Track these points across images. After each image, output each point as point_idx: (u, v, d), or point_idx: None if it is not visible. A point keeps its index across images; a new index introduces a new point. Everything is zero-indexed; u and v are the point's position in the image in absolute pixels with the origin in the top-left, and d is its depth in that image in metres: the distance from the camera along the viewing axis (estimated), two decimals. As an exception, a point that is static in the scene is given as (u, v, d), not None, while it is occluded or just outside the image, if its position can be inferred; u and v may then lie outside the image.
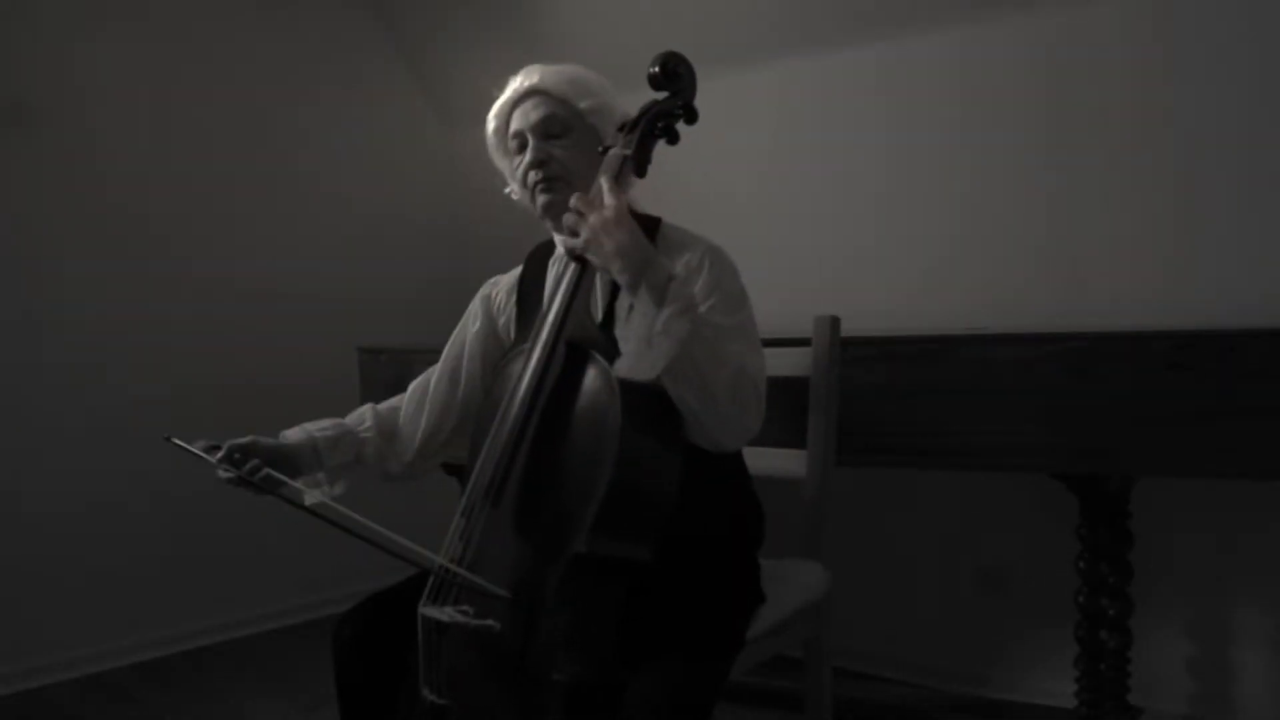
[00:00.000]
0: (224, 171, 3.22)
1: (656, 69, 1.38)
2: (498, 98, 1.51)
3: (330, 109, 3.47)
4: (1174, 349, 1.66)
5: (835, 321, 1.72)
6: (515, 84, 1.49)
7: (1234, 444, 1.64)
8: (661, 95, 1.41)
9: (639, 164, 1.39)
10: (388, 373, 2.81)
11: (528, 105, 1.47)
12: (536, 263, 1.61)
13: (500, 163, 1.56)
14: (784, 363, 1.74)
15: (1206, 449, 1.66)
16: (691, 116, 1.42)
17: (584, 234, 1.28)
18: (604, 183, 1.32)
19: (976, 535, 2.52)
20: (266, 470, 1.37)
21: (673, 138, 1.43)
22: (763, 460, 1.70)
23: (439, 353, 2.66)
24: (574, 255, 1.35)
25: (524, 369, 1.34)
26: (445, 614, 1.23)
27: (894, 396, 1.87)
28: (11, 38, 2.82)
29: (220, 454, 1.39)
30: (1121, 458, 1.73)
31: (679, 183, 1.61)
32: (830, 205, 2.72)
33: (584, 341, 1.32)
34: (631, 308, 1.29)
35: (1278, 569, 2.14)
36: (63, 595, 2.88)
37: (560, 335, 1.32)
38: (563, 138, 1.46)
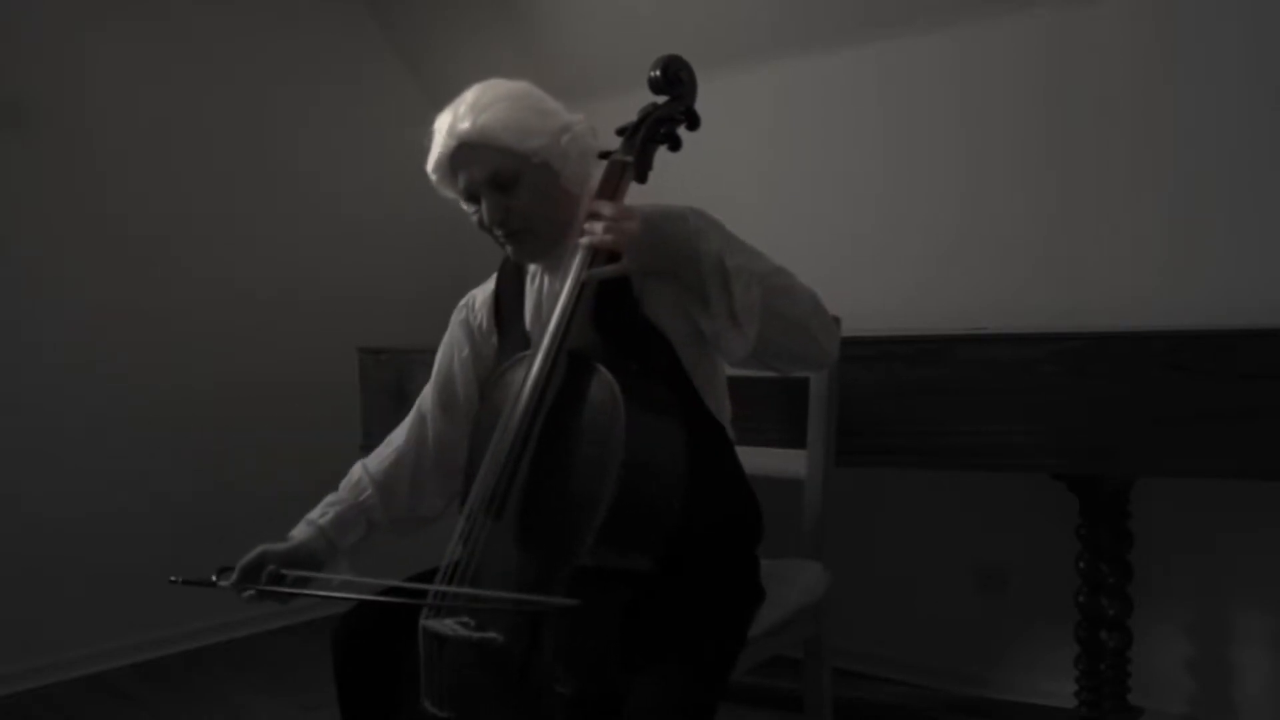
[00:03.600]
0: (224, 171, 3.22)
1: (658, 73, 1.37)
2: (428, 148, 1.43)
3: (330, 109, 3.47)
4: (1174, 349, 1.66)
5: (835, 321, 1.72)
6: (443, 137, 1.39)
7: (1234, 444, 1.64)
8: (662, 100, 1.39)
9: (640, 170, 1.38)
10: (388, 373, 2.81)
11: (469, 161, 1.38)
12: (511, 275, 1.56)
13: (447, 194, 1.49)
14: (784, 363, 1.73)
15: (1206, 449, 1.66)
16: (694, 122, 1.41)
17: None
18: (603, 206, 1.30)
19: (976, 535, 2.52)
20: (293, 574, 1.38)
21: (675, 144, 1.42)
22: (763, 460, 1.70)
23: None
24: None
25: (525, 378, 1.31)
26: (446, 627, 1.22)
27: (894, 396, 1.87)
28: (11, 37, 2.82)
29: (234, 578, 1.40)
30: (1121, 458, 1.73)
31: (679, 183, 1.60)
32: (830, 205, 2.72)
33: (586, 350, 1.31)
34: (700, 301, 1.32)
35: (1277, 569, 2.14)
36: (63, 595, 2.87)
37: (563, 346, 1.30)
38: (515, 187, 1.37)
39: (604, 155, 1.40)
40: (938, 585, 2.60)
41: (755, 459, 1.59)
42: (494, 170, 1.36)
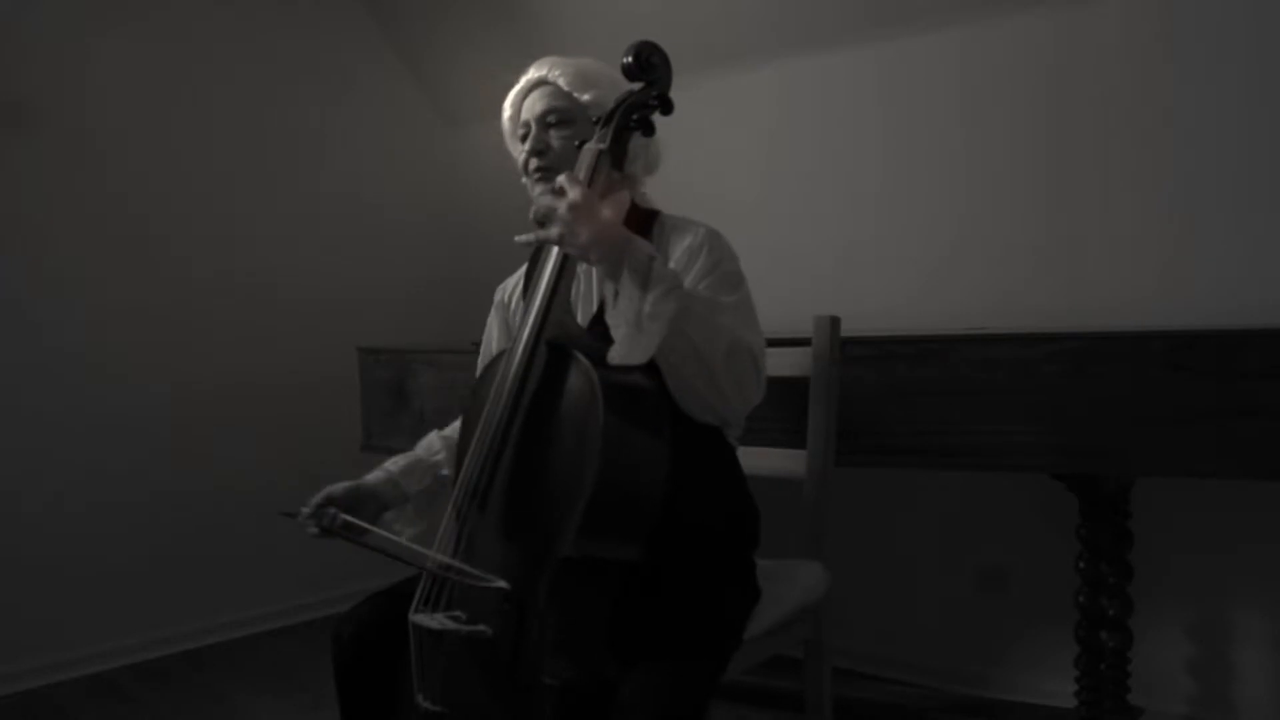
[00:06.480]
0: (224, 171, 3.22)
1: (630, 59, 1.37)
2: (513, 87, 1.54)
3: (330, 109, 3.47)
4: (1174, 349, 1.66)
5: (835, 321, 1.72)
6: (528, 74, 1.53)
7: (1234, 444, 1.64)
8: (636, 86, 1.39)
9: (615, 157, 1.38)
10: (387, 373, 2.81)
11: (534, 96, 1.51)
12: (538, 256, 1.60)
13: (513, 150, 1.57)
14: (784, 363, 1.74)
15: (1206, 449, 1.66)
16: (667, 107, 1.41)
17: (556, 227, 1.26)
18: (564, 176, 1.30)
19: (976, 535, 2.52)
20: (344, 518, 1.38)
21: (648, 130, 1.41)
22: (763, 460, 1.70)
23: (439, 353, 2.68)
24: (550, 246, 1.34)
25: (506, 370, 1.33)
26: (436, 621, 1.22)
27: (894, 396, 1.87)
28: (11, 38, 2.82)
29: (306, 513, 1.41)
30: (1121, 458, 1.73)
31: (679, 182, 1.61)
32: (830, 205, 2.72)
33: (566, 340, 1.31)
34: (616, 294, 1.28)
35: (1278, 569, 2.14)
36: (63, 595, 2.88)
37: (540, 335, 1.31)
38: (562, 128, 1.47)
39: (580, 144, 1.41)
40: (938, 585, 2.60)
41: (755, 459, 1.60)
42: (549, 108, 1.49)
